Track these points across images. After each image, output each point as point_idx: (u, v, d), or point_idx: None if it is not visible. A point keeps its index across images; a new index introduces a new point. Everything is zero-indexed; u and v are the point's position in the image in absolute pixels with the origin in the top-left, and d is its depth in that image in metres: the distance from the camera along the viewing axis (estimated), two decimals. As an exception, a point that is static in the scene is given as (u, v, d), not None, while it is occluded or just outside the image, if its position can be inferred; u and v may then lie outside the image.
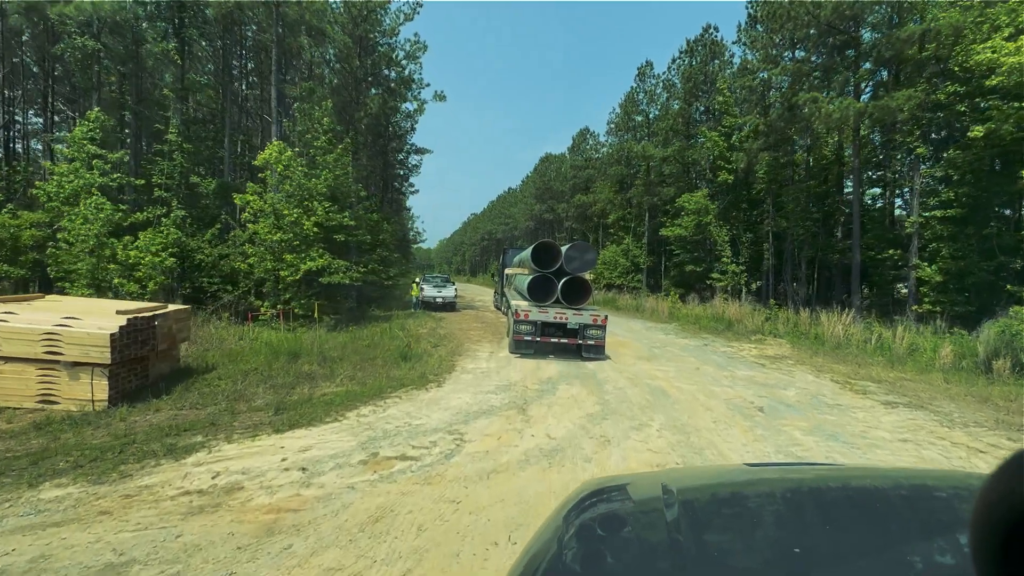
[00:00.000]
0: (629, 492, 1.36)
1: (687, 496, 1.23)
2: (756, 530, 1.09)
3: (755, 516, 1.19)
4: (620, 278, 34.03)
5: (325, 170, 14.53)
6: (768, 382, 9.44)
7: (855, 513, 1.14)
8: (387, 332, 14.04)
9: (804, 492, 1.32)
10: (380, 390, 8.08)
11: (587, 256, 11.30)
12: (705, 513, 1.20)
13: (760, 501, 1.28)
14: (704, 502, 1.27)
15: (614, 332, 16.31)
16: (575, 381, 9.12)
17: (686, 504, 1.17)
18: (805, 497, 1.28)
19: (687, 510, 1.14)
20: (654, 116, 33.10)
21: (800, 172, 23.19)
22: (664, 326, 19.08)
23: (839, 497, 1.27)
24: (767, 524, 1.12)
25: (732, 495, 1.34)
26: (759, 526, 1.11)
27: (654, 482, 1.33)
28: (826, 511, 1.18)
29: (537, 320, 10.77)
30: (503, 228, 72.70)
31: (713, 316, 20.00)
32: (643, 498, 1.30)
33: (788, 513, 1.20)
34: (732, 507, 1.26)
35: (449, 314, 21.58)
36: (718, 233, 25.34)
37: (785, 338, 15.29)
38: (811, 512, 1.19)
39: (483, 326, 17.51)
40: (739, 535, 1.06)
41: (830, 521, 1.10)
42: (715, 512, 1.23)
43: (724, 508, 1.25)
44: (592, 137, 44.25)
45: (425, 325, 16.76)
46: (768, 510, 1.22)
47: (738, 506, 1.26)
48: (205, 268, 14.95)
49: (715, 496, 1.33)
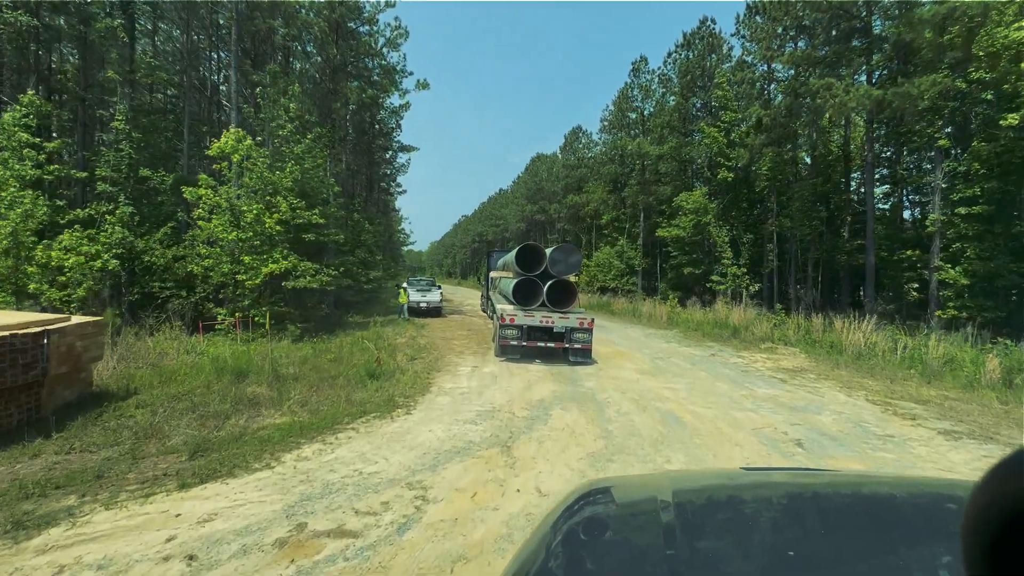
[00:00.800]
0: (624, 495, 1.37)
1: (682, 500, 1.21)
2: (751, 534, 1.08)
3: (750, 520, 1.17)
4: (614, 281, 32.75)
5: (292, 162, 13.04)
6: (796, 404, 8.10)
7: (851, 518, 1.15)
8: (360, 343, 12.57)
9: (800, 497, 1.31)
10: (335, 420, 6.62)
11: (572, 259, 11.12)
12: (700, 517, 1.19)
13: (756, 505, 1.27)
14: (699, 506, 1.26)
15: (612, 341, 14.94)
16: (571, 405, 7.72)
17: (681, 508, 1.16)
18: (801, 502, 1.28)
19: (682, 514, 1.13)
20: (649, 113, 31.91)
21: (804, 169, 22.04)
22: (664, 333, 17.76)
23: (835, 502, 1.27)
24: (762, 529, 1.11)
25: (728, 499, 1.32)
26: (754, 530, 1.10)
27: (649, 485, 1.35)
28: (822, 516, 1.18)
29: (523, 324, 10.62)
30: (494, 230, 71.34)
31: (716, 322, 18.72)
32: (638, 501, 1.30)
33: (784, 518, 1.19)
34: (727, 511, 1.25)
35: (434, 320, 20.12)
36: (718, 234, 24.13)
37: (798, 347, 14.02)
38: (807, 517, 1.18)
39: (468, 334, 16.07)
40: (734, 539, 1.05)
41: (825, 526, 1.11)
42: (710, 516, 1.22)
43: (719, 512, 1.25)
44: (585, 136, 43.05)
45: (404, 333, 15.28)
46: (764, 515, 1.21)
47: (734, 510, 1.25)
48: (156, 271, 13.38)
49: (711, 500, 1.32)
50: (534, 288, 11.03)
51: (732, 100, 24.90)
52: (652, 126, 30.53)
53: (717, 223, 24.57)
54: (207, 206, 11.95)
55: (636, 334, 17.23)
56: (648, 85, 31.48)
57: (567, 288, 11.18)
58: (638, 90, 32.27)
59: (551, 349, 11.00)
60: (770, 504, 1.28)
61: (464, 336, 15.51)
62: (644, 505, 1.24)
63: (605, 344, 14.31)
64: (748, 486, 1.41)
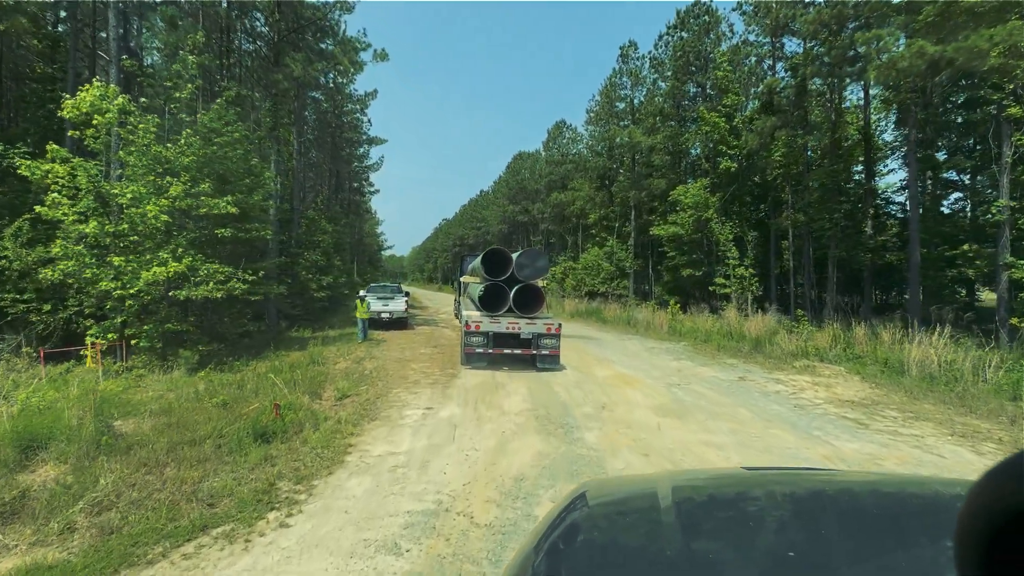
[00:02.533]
0: (624, 495, 1.37)
1: (683, 499, 1.20)
2: (751, 535, 1.07)
3: (751, 520, 1.16)
4: (603, 285, 29.97)
5: (190, 133, 9.85)
6: (916, 471, 5.26)
7: (851, 519, 1.14)
8: (284, 371, 9.44)
9: (801, 497, 1.30)
10: (130, 555, 3.53)
11: (538, 263, 11.07)
12: (700, 517, 1.19)
13: (756, 505, 1.26)
14: (699, 506, 1.26)
15: (610, 360, 12.05)
16: (569, 488, 4.75)
17: (681, 507, 1.15)
18: (802, 502, 1.27)
19: (682, 513, 1.13)
20: (640, 101, 29.31)
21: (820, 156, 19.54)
22: (669, 346, 14.94)
23: (836, 502, 1.26)
24: (763, 529, 1.10)
25: (728, 499, 1.32)
26: (754, 531, 1.09)
27: (651, 485, 1.32)
28: (823, 516, 1.17)
29: (489, 331, 10.20)
30: (475, 233, 68.37)
31: (727, 332, 15.99)
32: (638, 501, 1.29)
33: (784, 518, 1.18)
34: (728, 511, 1.24)
35: (396, 334, 17.00)
36: (720, 230, 21.52)
37: (841, 364, 11.31)
38: (807, 517, 1.18)
39: (434, 352, 13.00)
40: (734, 540, 1.05)
41: (826, 526, 1.11)
42: (710, 516, 1.21)
43: (720, 512, 1.24)
44: (570, 130, 40.36)
45: (351, 354, 12.16)
46: (764, 515, 1.20)
47: (734, 510, 1.25)
48: (10, 279, 10.05)
49: (711, 500, 1.31)
50: (500, 293, 10.75)
51: (734, 83, 22.40)
52: (643, 115, 27.91)
53: (719, 219, 21.98)
54: (61, 187, 8.70)
55: (636, 348, 14.37)
56: (638, 71, 28.89)
57: (535, 293, 11.05)
58: (627, 77, 29.66)
59: (518, 356, 10.70)
60: (771, 504, 1.26)
61: (428, 355, 12.44)
62: (644, 505, 1.23)
63: (603, 364, 11.39)
64: (748, 486, 1.40)
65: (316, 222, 22.00)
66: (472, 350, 10.22)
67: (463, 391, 8.62)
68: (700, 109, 22.50)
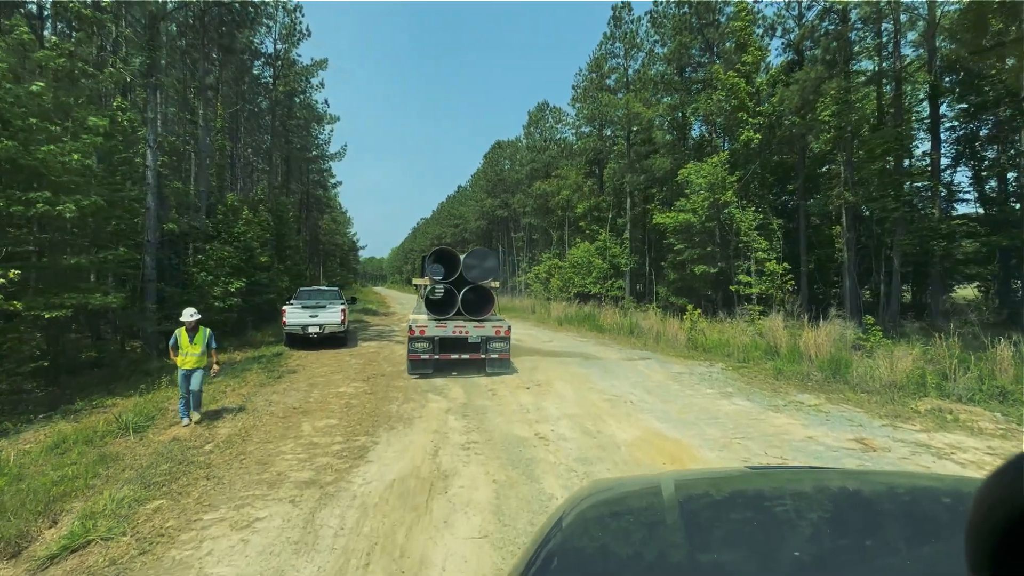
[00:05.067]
0: (630, 494, 1.36)
1: (688, 498, 1.21)
2: (756, 534, 1.06)
3: (755, 520, 1.15)
4: (596, 285, 25.74)
5: None
6: None
7: (856, 517, 1.13)
8: (35, 454, 4.92)
9: (805, 495, 1.28)
10: None
11: (487, 263, 10.52)
12: (705, 516, 1.18)
13: (761, 505, 1.24)
14: (704, 505, 1.25)
15: (628, 400, 7.73)
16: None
17: (685, 507, 1.15)
18: (806, 501, 1.25)
19: (687, 512, 1.13)
20: (635, 71, 25.19)
21: (872, 121, 15.61)
22: (702, 370, 10.73)
23: (840, 501, 1.24)
24: (767, 528, 1.08)
25: (733, 498, 1.30)
26: (759, 530, 1.07)
27: (656, 484, 1.31)
28: (827, 515, 1.15)
29: (434, 336, 9.55)
30: (452, 231, 63.82)
31: (769, 347, 11.91)
32: (644, 500, 1.29)
33: (789, 517, 1.15)
34: (733, 510, 1.23)
35: (328, 355, 12.49)
36: (742, 217, 17.47)
37: (988, 406, 7.21)
38: (812, 516, 1.16)
39: (359, 391, 8.50)
40: (739, 539, 1.04)
41: (830, 525, 1.09)
42: (715, 515, 1.20)
43: (724, 511, 1.23)
44: (553, 113, 36.11)
45: (223, 398, 7.63)
46: (769, 514, 1.18)
47: (738, 509, 1.23)
48: None
49: (716, 499, 1.30)
50: (448, 296, 10.41)
51: (754, 35, 18.39)
52: (640, 85, 23.76)
53: (739, 203, 17.94)
54: None
55: (657, 375, 10.13)
56: (633, 35, 24.75)
57: (485, 295, 10.64)
58: (620, 42, 25.53)
59: (466, 361, 10.03)
60: (775, 503, 1.24)
61: (345, 400, 7.96)
62: (649, 505, 1.23)
63: (619, 410, 7.00)
64: (753, 485, 1.39)
65: (237, 208, 17.30)
66: (417, 356, 9.59)
67: (358, 507, 4.22)
68: (714, 67, 18.37)
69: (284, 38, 24.80)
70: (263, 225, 19.25)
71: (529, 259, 39.54)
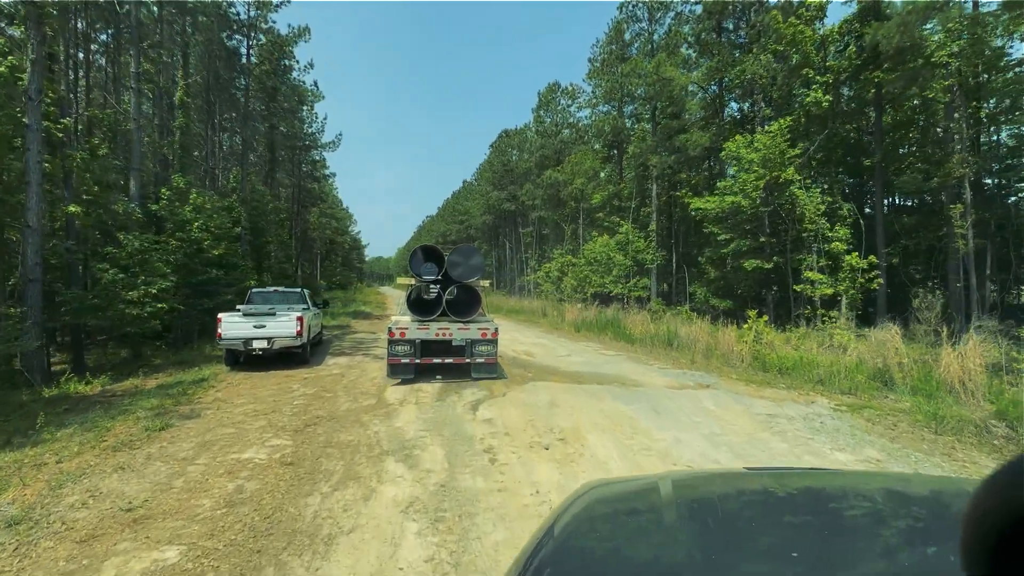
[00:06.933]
0: (628, 493, 1.35)
1: (686, 499, 1.21)
2: (754, 535, 1.05)
3: (753, 520, 1.14)
4: (616, 285, 22.33)
5: None
6: None
7: (853, 517, 1.12)
8: None
9: (803, 496, 1.28)
10: None
11: (472, 260, 9.88)
12: (702, 517, 1.17)
13: (759, 505, 1.24)
14: (702, 506, 1.24)
15: (704, 466, 4.30)
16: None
17: (683, 508, 1.15)
18: (804, 501, 1.25)
19: (685, 513, 1.13)
20: (661, 36, 21.71)
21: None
22: (804, 410, 7.31)
23: (837, 502, 1.24)
24: (765, 529, 1.08)
25: (731, 498, 1.29)
26: (757, 531, 1.07)
27: (654, 484, 1.29)
28: (824, 515, 1.15)
29: (416, 339, 8.94)
30: (458, 228, 60.77)
31: (881, 371, 8.51)
32: (642, 500, 1.28)
33: (787, 518, 1.15)
34: (730, 510, 1.22)
35: (275, 378, 9.27)
36: (808, 200, 14.01)
37: None
38: (809, 516, 1.15)
39: (278, 461, 5.26)
40: (736, 539, 1.03)
41: (828, 525, 1.08)
42: (713, 516, 1.18)
43: (722, 511, 1.21)
44: (567, 94, 32.66)
45: (49, 470, 4.41)
46: (767, 515, 1.17)
47: (737, 509, 1.23)
48: None
49: (714, 499, 1.29)
50: (432, 295, 9.97)
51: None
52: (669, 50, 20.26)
53: (803, 181, 14.47)
54: None
55: (738, 419, 6.74)
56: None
57: (470, 294, 10.14)
58: (643, 7, 22.08)
59: (450, 366, 9.36)
60: (773, 504, 1.23)
61: (234, 489, 4.71)
62: (647, 505, 1.22)
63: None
64: (751, 486, 1.37)
65: (183, 194, 14.14)
66: (397, 360, 8.91)
67: None
68: (772, 12, 14.86)
69: (258, 4, 21.67)
70: (224, 213, 16.10)
71: (539, 256, 36.17)
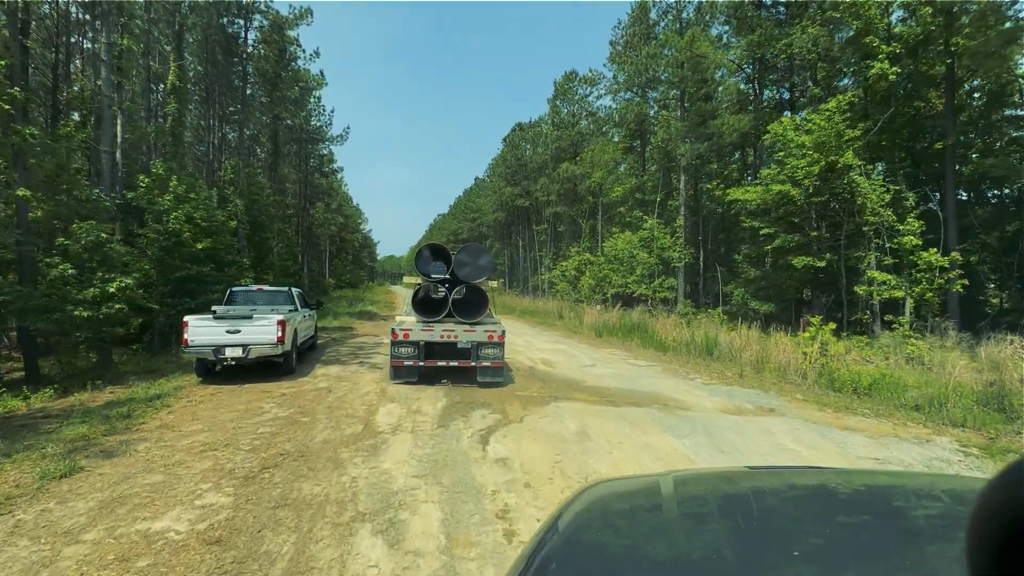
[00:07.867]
0: (630, 493, 1.35)
1: (687, 498, 1.21)
2: (755, 533, 1.05)
3: (755, 519, 1.14)
4: (639, 285, 20.54)
5: None
6: None
7: (855, 516, 1.12)
8: None
9: (805, 495, 1.28)
10: None
11: (481, 260, 9.47)
12: (704, 516, 1.17)
13: (760, 504, 1.23)
14: (703, 505, 1.25)
15: None
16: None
17: (684, 507, 1.15)
18: (806, 500, 1.25)
19: (686, 511, 1.13)
20: (691, 13, 19.86)
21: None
22: (920, 452, 5.56)
23: (840, 500, 1.24)
24: (767, 527, 1.08)
25: (732, 497, 1.30)
26: (758, 529, 1.07)
27: (655, 483, 1.30)
28: (827, 514, 1.14)
29: (420, 340, 8.68)
30: (469, 225, 59.27)
31: (999, 395, 6.71)
32: (643, 499, 1.27)
33: (789, 516, 1.15)
34: (732, 509, 1.22)
35: (248, 393, 7.74)
36: (870, 189, 12.13)
37: None
38: (811, 515, 1.15)
39: (205, 539, 3.70)
40: (737, 538, 1.03)
41: (829, 524, 1.08)
42: (715, 514, 1.18)
43: (724, 510, 1.21)
44: (585, 84, 30.88)
45: None
46: (768, 513, 1.17)
47: (738, 508, 1.23)
48: None
49: (715, 498, 1.29)
50: (439, 296, 9.82)
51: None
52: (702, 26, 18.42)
53: (863, 168, 12.59)
54: None
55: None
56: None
57: (477, 296, 9.59)
58: (671, -20, 20.24)
59: (455, 368, 9.08)
60: (774, 502, 1.24)
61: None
62: (650, 502, 1.22)
63: None
64: (752, 485, 1.38)
65: (163, 181, 12.72)
66: (400, 363, 8.69)
67: None
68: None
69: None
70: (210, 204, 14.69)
71: (554, 254, 34.46)
